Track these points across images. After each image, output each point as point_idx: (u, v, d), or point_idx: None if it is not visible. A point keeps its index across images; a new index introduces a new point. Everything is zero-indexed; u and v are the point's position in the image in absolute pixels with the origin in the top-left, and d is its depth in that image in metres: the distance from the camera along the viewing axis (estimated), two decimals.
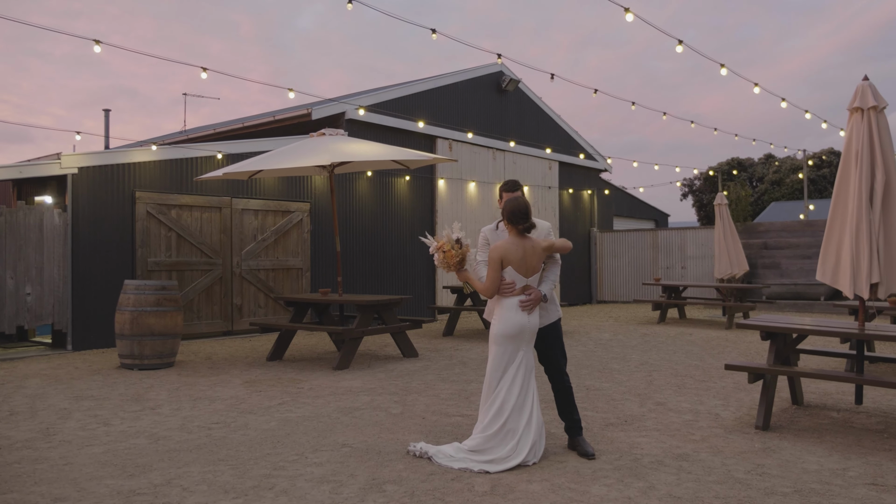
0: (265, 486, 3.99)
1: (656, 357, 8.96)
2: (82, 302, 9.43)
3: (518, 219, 4.46)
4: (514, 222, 4.47)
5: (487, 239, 4.76)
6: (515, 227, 4.48)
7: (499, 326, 4.45)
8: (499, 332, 4.44)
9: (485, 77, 15.49)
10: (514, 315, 4.44)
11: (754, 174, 42.18)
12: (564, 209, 17.98)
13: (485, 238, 4.78)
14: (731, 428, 5.34)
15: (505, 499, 3.79)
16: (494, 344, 4.47)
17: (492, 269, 4.45)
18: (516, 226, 4.48)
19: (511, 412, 4.37)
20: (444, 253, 4.52)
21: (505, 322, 4.44)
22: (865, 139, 5.52)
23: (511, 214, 4.47)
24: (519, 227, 4.47)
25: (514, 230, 4.50)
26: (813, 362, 8.06)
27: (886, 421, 5.58)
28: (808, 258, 16.29)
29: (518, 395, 4.40)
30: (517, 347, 4.45)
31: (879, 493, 3.89)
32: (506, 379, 4.41)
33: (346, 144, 8.73)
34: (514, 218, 4.47)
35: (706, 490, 3.92)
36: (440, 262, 4.57)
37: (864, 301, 5.64)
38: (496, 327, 4.47)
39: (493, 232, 4.77)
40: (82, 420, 5.58)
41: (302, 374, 7.71)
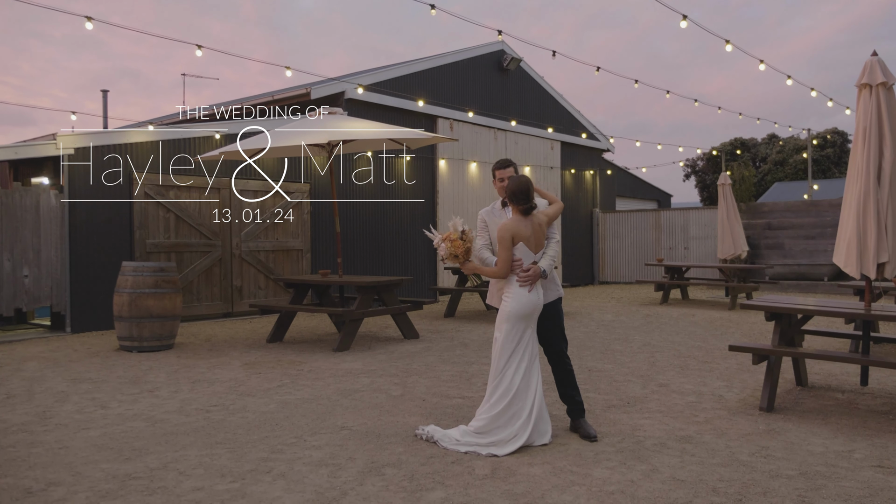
0: (263, 470, 3.93)
1: (659, 338, 8.89)
2: (80, 284, 9.37)
3: (520, 199, 4.37)
4: (517, 202, 4.38)
5: (485, 221, 4.67)
6: (518, 207, 4.40)
7: (513, 305, 4.36)
8: (513, 310, 4.35)
9: (486, 56, 15.30)
10: (527, 293, 4.37)
11: (758, 154, 41.87)
12: (567, 189, 17.84)
13: (483, 221, 4.68)
14: (735, 410, 5.28)
15: (506, 482, 3.73)
16: (506, 322, 4.37)
17: (503, 248, 4.36)
18: (518, 205, 4.39)
19: (517, 392, 4.31)
20: (451, 242, 4.41)
21: (520, 299, 4.35)
22: (874, 116, 5.40)
23: (512, 195, 4.38)
24: (521, 206, 4.38)
25: (518, 209, 4.42)
26: (817, 343, 7.99)
27: (892, 402, 5.51)
28: (812, 238, 16.18)
29: (524, 375, 4.34)
30: (527, 326, 4.40)
31: (886, 475, 3.83)
32: (514, 358, 4.34)
33: (346, 123, 8.61)
34: (516, 198, 4.38)
35: (710, 473, 3.86)
36: (446, 253, 4.46)
37: (870, 281, 5.55)
38: (510, 306, 4.37)
39: (490, 213, 4.68)
40: (79, 403, 5.53)
41: (302, 355, 7.66)
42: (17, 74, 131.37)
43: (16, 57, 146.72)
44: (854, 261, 5.39)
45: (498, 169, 4.70)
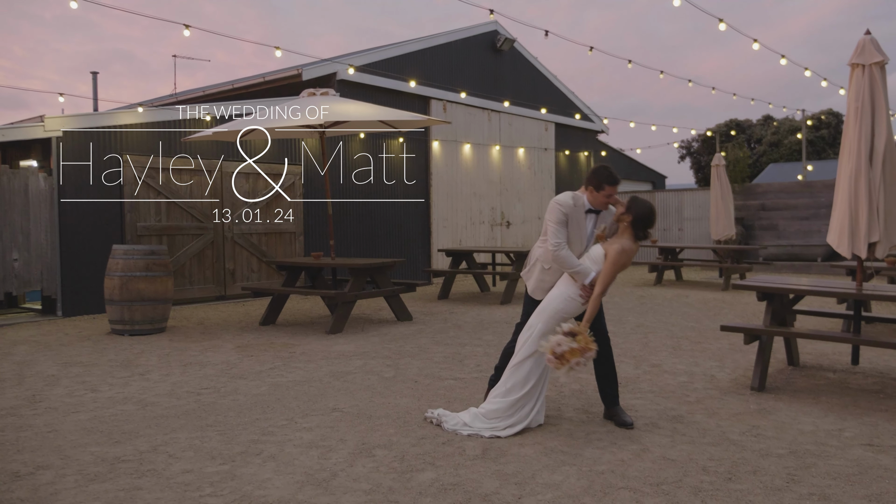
0: (253, 452, 3.92)
1: (652, 319, 8.90)
2: (71, 267, 9.31)
3: (649, 226, 4.28)
4: (644, 228, 4.26)
5: (567, 216, 4.34)
6: (639, 232, 4.27)
7: (562, 304, 4.26)
8: (561, 309, 4.26)
9: (479, 36, 15.16)
10: (582, 303, 4.28)
11: (753, 135, 41.78)
12: (561, 171, 17.79)
13: (563, 214, 4.33)
14: (727, 389, 5.28)
15: (496, 462, 3.73)
16: (548, 315, 4.27)
17: (615, 269, 4.20)
18: (640, 231, 4.27)
19: (536, 381, 4.29)
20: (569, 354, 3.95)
21: (574, 304, 4.27)
22: (867, 95, 5.36)
23: (648, 221, 4.25)
24: (642, 233, 4.26)
25: (632, 234, 4.27)
26: (810, 323, 8.01)
27: (883, 381, 5.53)
28: (806, 219, 16.19)
29: (545, 365, 4.32)
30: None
31: (875, 453, 3.84)
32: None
33: (338, 105, 8.53)
34: (646, 225, 4.26)
35: (700, 452, 3.86)
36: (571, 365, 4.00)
37: (861, 261, 5.55)
38: (560, 304, 4.27)
39: (574, 210, 4.37)
40: (70, 386, 5.51)
41: (294, 338, 7.64)
42: (7, 57, 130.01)
43: (6, 39, 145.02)
44: (846, 241, 5.38)
45: (610, 185, 4.34)
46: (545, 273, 4.43)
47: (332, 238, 8.83)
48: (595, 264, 4.25)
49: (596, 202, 4.39)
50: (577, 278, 4.24)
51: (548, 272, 4.42)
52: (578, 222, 4.38)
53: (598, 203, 4.39)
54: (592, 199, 4.39)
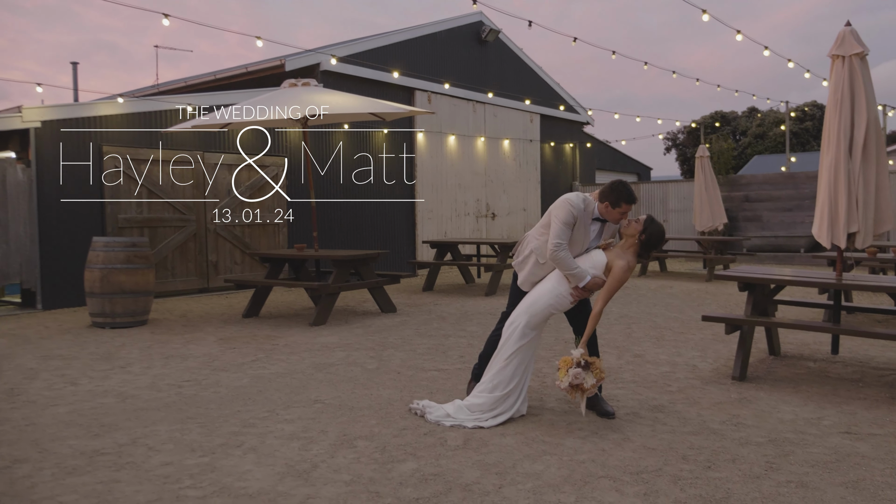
0: (233, 444, 3.90)
1: (636, 310, 8.93)
2: (51, 260, 9.21)
3: (657, 248, 4.29)
4: (652, 249, 4.28)
5: (575, 218, 4.28)
6: (642, 252, 4.27)
7: (552, 300, 4.26)
8: (551, 304, 4.26)
9: (464, 27, 15.11)
10: (571, 302, 4.30)
11: (738, 127, 42.02)
12: (546, 162, 17.80)
13: (573, 216, 4.26)
14: (708, 379, 5.32)
15: (478, 452, 3.73)
16: (535, 310, 4.27)
17: (618, 287, 4.22)
18: (650, 252, 4.28)
19: (522, 375, 4.30)
20: (583, 384, 4.01)
21: (560, 301, 4.27)
22: (846, 86, 5.39)
23: (657, 244, 4.26)
24: (651, 253, 4.28)
25: (637, 251, 4.27)
26: (792, 313, 8.07)
27: (862, 370, 5.58)
28: (790, 210, 16.30)
29: (529, 359, 4.32)
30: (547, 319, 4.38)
31: (853, 441, 3.88)
32: (528, 345, 4.28)
33: (321, 96, 8.47)
34: (654, 247, 4.27)
35: (680, 441, 3.88)
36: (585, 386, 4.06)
37: (841, 251, 5.59)
38: (550, 300, 4.26)
39: (583, 214, 4.32)
40: (49, 380, 5.45)
41: (278, 330, 7.61)
42: None
43: None
44: (825, 231, 5.42)
45: (627, 203, 4.28)
46: (538, 267, 4.42)
47: (316, 230, 8.79)
48: (594, 269, 4.24)
49: (609, 216, 4.36)
50: (572, 280, 4.22)
51: (542, 266, 4.40)
52: (584, 227, 4.35)
53: (611, 217, 4.36)
54: (605, 212, 4.34)
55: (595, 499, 3.14)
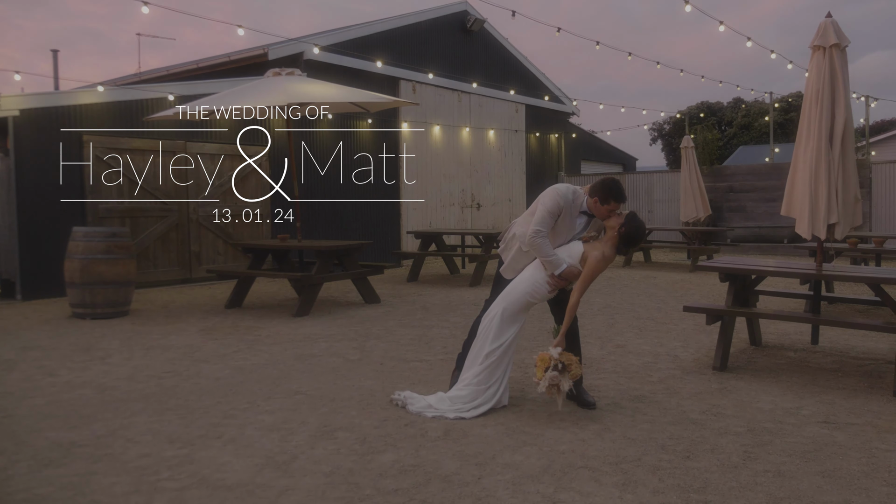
0: (213, 436, 3.87)
1: (619, 300, 8.97)
2: (30, 250, 9.09)
3: (636, 244, 4.30)
4: (632, 246, 4.29)
5: (561, 209, 4.28)
6: (620, 246, 4.26)
7: (530, 288, 4.27)
8: (529, 292, 4.27)
9: (449, 17, 15.03)
10: (549, 291, 4.31)
11: (723, 118, 42.16)
12: (531, 153, 17.79)
13: (559, 206, 4.27)
14: (689, 369, 5.34)
15: (458, 443, 3.73)
16: (513, 298, 4.28)
17: (593, 277, 4.22)
18: (630, 248, 4.31)
19: (505, 366, 4.30)
20: (557, 380, 4.01)
21: (538, 289, 4.27)
22: (827, 78, 5.41)
23: (636, 240, 4.26)
24: (631, 249, 4.29)
25: (615, 244, 4.25)
26: (774, 304, 8.12)
27: (841, 360, 5.63)
28: (774, 201, 16.40)
29: (510, 349, 4.31)
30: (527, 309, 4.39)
31: (831, 430, 3.91)
32: (508, 335, 4.27)
33: (305, 85, 8.40)
34: (634, 243, 4.28)
35: (660, 431, 3.90)
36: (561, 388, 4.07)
37: (822, 242, 5.63)
38: (528, 287, 4.27)
39: (570, 206, 4.32)
40: (27, 371, 5.39)
41: (260, 321, 7.56)
42: None
43: None
44: (805, 222, 5.45)
45: (617, 201, 4.27)
46: (521, 254, 4.42)
47: (299, 220, 8.74)
48: (571, 258, 4.24)
49: (597, 212, 4.35)
50: (548, 267, 4.23)
51: (525, 254, 4.41)
52: (570, 219, 4.36)
53: (599, 213, 4.36)
54: (594, 207, 4.34)
55: (573, 489, 3.15)
